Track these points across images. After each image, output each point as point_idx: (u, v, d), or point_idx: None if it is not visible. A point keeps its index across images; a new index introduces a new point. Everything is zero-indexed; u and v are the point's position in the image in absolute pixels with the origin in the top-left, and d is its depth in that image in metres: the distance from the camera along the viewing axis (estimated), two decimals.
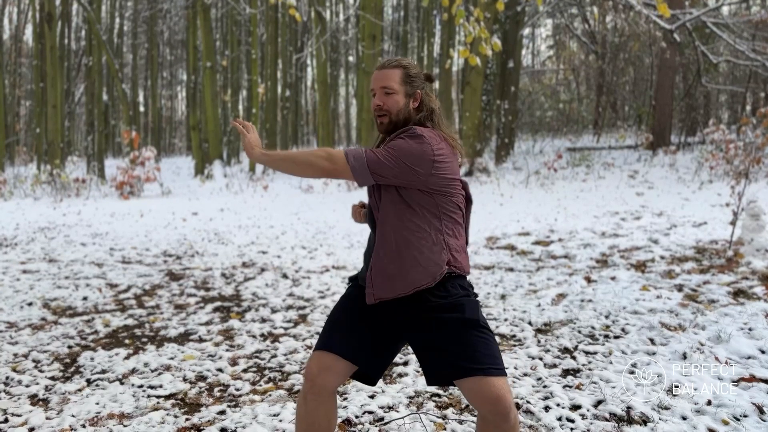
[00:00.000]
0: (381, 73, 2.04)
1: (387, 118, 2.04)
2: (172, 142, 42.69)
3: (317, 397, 2.01)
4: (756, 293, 4.56)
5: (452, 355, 1.90)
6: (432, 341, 1.95)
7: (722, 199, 9.86)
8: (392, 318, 2.02)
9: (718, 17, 15.34)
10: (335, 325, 2.07)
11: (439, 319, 1.94)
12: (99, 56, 22.34)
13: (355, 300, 2.09)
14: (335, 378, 2.02)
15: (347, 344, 2.02)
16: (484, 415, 1.91)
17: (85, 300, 5.11)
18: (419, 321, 1.97)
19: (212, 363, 3.54)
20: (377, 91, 2.04)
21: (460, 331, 1.92)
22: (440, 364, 1.94)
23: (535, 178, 14.47)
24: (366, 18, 14.95)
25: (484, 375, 1.86)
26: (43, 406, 3.01)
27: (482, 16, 6.00)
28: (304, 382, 2.03)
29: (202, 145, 21.88)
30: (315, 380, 2.00)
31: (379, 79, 2.04)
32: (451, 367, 1.91)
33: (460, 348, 1.90)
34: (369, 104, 15.57)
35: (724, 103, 23.89)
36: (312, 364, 2.03)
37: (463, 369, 1.88)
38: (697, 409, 2.73)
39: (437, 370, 1.95)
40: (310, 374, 2.01)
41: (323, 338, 2.06)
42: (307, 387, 2.02)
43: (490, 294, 4.98)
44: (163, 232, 9.00)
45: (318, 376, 2.00)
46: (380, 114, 2.04)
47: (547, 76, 31.08)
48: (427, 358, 1.98)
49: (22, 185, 16.30)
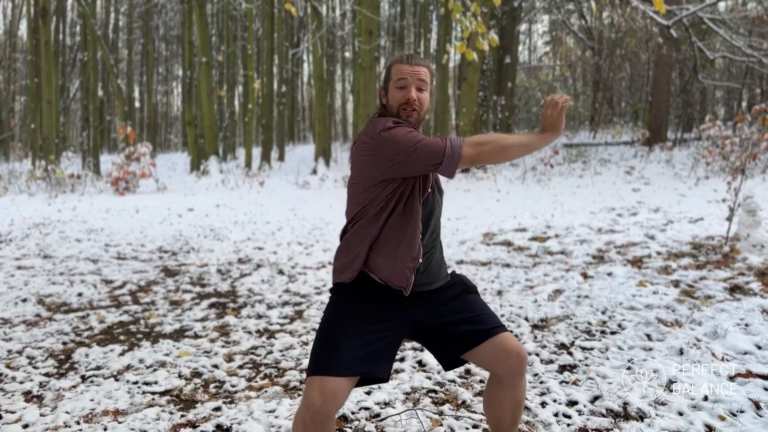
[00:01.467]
0: (417, 68, 2.01)
1: (416, 113, 2.01)
2: (167, 138, 42.59)
3: (320, 425, 1.84)
4: (752, 289, 4.56)
5: (467, 323, 2.01)
6: (444, 318, 2.03)
7: (718, 195, 9.87)
8: (399, 312, 1.99)
9: (714, 13, 15.34)
10: (333, 342, 1.90)
11: (446, 296, 2.06)
12: (94, 51, 22.25)
13: (348, 307, 1.98)
14: (340, 401, 1.86)
15: (350, 360, 1.86)
16: (503, 374, 2.04)
17: (80, 296, 5.09)
18: (427, 305, 2.03)
19: (208, 359, 3.52)
20: (411, 84, 1.99)
21: (465, 299, 2.07)
22: (457, 337, 2.02)
23: (531, 174, 14.47)
24: (362, 13, 14.90)
25: (500, 332, 2.01)
26: (37, 402, 2.99)
27: (479, 10, 5.97)
28: (306, 411, 1.83)
29: (198, 141, 21.82)
30: (319, 410, 1.81)
31: (414, 74, 2.00)
32: (469, 334, 2.01)
33: (473, 314, 2.03)
34: (366, 100, 15.53)
35: (720, 99, 23.93)
36: (314, 394, 1.82)
37: (482, 332, 2.00)
38: (694, 404, 2.72)
39: (455, 343, 2.03)
40: (313, 405, 1.81)
41: (322, 362, 1.86)
42: (309, 417, 1.82)
43: (487, 290, 4.98)
44: (158, 228, 8.97)
45: (322, 405, 1.81)
46: (411, 108, 2.00)
47: (543, 72, 31.09)
48: (442, 338, 2.04)
49: (17, 181, 16.23)
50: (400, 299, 1.98)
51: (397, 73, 2.02)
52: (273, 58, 24.88)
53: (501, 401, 2.10)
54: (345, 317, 1.96)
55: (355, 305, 1.98)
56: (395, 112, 2.01)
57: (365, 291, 1.99)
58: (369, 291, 1.98)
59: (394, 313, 1.99)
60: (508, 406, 2.10)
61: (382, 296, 1.98)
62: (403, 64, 2.02)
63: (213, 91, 22.10)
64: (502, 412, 2.12)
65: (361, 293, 1.99)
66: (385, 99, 2.06)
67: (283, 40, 27.42)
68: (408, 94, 1.99)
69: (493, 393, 2.11)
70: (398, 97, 2.00)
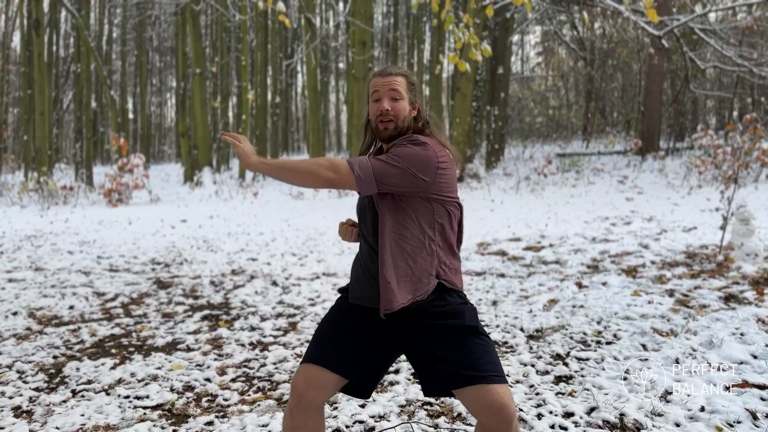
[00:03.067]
0: (388, 79, 2.01)
1: (393, 123, 1.99)
2: (161, 149, 42.50)
3: (304, 412, 1.95)
4: (747, 298, 4.56)
5: (453, 364, 1.86)
6: (432, 349, 1.90)
7: (712, 203, 9.91)
8: (388, 328, 1.97)
9: (705, 23, 15.46)
10: (324, 337, 2.02)
11: (440, 327, 1.91)
12: (87, 63, 22.22)
13: (345, 311, 2.05)
14: (323, 392, 1.96)
15: (337, 357, 1.96)
16: (486, 424, 1.85)
17: (71, 309, 5.04)
18: (418, 329, 1.93)
19: (200, 372, 3.48)
20: (384, 95, 2.00)
21: (461, 338, 1.89)
22: (440, 373, 1.88)
23: (525, 184, 14.50)
24: (356, 24, 14.94)
25: (486, 383, 1.82)
26: (26, 418, 2.94)
27: (471, 21, 6.00)
28: (291, 396, 1.97)
29: (192, 152, 21.78)
30: (302, 394, 1.94)
31: (386, 84, 2.00)
32: (452, 375, 1.85)
33: (460, 356, 1.86)
34: (360, 110, 15.56)
35: (711, 108, 24.10)
36: (299, 377, 1.97)
37: (464, 377, 1.83)
38: (691, 415, 2.71)
39: (437, 379, 1.90)
40: (297, 388, 1.95)
41: (311, 350, 2.00)
42: (294, 402, 1.95)
43: (482, 300, 4.96)
44: (151, 239, 8.92)
45: (305, 390, 1.94)
46: (387, 119, 1.99)
47: (536, 82, 31.25)
48: (425, 367, 1.93)
49: (9, 193, 16.13)
50: (383, 319, 1.95)
51: (372, 86, 2.04)
52: (267, 69, 24.95)
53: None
54: (336, 318, 2.06)
55: (343, 310, 2.07)
56: (374, 125, 2.03)
57: (352, 303, 2.06)
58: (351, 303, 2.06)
59: (377, 326, 1.98)
60: None
61: (364, 314, 2.02)
62: (377, 77, 2.04)
63: (207, 102, 22.09)
64: None
65: (352, 305, 2.05)
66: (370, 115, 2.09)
67: (277, 51, 27.50)
68: (380, 106, 1.99)
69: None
70: (374, 110, 2.02)
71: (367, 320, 1.99)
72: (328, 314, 2.09)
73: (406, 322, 1.94)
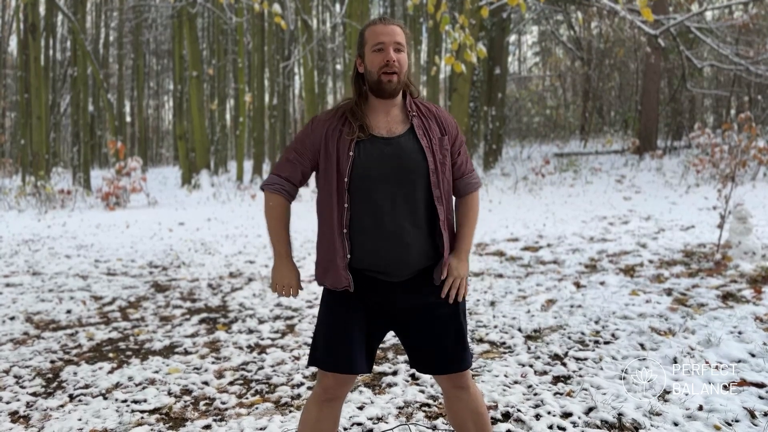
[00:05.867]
0: (391, 29, 1.91)
1: (397, 76, 1.92)
2: (158, 152, 42.48)
3: (333, 405, 2.04)
4: (745, 296, 4.56)
5: (448, 343, 2.01)
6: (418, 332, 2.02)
7: (709, 202, 9.92)
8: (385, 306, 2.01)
9: (701, 22, 15.49)
10: (343, 339, 1.98)
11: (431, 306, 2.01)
12: (84, 67, 22.20)
13: (344, 302, 1.99)
14: (351, 385, 2.07)
15: (359, 357, 1.98)
16: (446, 390, 2.10)
17: (68, 313, 5.02)
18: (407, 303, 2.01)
19: (198, 376, 3.47)
20: (388, 45, 1.90)
21: (456, 317, 2.03)
22: (436, 353, 2.01)
23: (523, 184, 14.50)
24: (352, 26, 14.95)
25: (466, 369, 2.03)
26: (23, 423, 2.93)
27: (467, 22, 6.00)
28: (322, 393, 2.01)
29: (189, 155, 21.77)
30: (335, 393, 2.02)
31: (389, 34, 1.90)
32: (444, 361, 2.01)
33: (454, 335, 2.01)
34: None
35: (709, 107, 24.12)
36: (330, 383, 2.00)
37: (458, 363, 2.01)
38: (689, 414, 2.70)
39: (431, 360, 2.03)
40: (330, 388, 2.00)
41: (343, 359, 1.96)
42: (325, 397, 2.02)
43: (480, 301, 4.95)
44: (149, 242, 8.90)
45: (339, 388, 2.02)
46: (391, 71, 1.90)
47: (533, 82, 31.28)
48: (419, 347, 2.04)
49: (7, 197, 16.11)
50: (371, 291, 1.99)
51: (372, 35, 1.93)
52: (264, 71, 24.90)
53: (455, 411, 2.11)
54: (345, 314, 2.02)
55: (345, 302, 2.03)
56: (375, 78, 1.93)
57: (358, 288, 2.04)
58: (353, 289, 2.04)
59: (377, 307, 2.01)
60: (466, 416, 2.09)
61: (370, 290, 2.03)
62: (377, 25, 1.94)
63: (204, 105, 22.09)
64: (459, 421, 2.11)
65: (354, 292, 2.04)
66: (362, 66, 1.99)
67: (274, 53, 27.48)
68: (387, 56, 1.90)
69: (447, 404, 2.14)
70: (377, 61, 1.91)
71: (375, 301, 1.99)
72: (329, 313, 2.02)
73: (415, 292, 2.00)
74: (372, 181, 1.91)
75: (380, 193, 1.91)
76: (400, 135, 1.96)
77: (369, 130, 1.94)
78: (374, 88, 1.95)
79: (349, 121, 1.96)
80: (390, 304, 1.99)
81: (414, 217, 1.94)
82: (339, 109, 2.02)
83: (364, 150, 1.92)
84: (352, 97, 2.02)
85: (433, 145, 1.98)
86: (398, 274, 1.95)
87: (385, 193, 1.91)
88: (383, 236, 1.92)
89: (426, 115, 2.03)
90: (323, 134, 1.98)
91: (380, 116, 1.98)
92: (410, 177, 1.93)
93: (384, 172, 1.91)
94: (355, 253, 1.94)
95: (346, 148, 1.92)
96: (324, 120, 2.00)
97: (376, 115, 1.98)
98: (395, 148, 1.93)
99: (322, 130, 1.98)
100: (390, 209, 1.91)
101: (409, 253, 1.93)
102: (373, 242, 1.92)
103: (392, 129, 1.97)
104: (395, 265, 1.93)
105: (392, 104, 1.99)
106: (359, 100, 2.00)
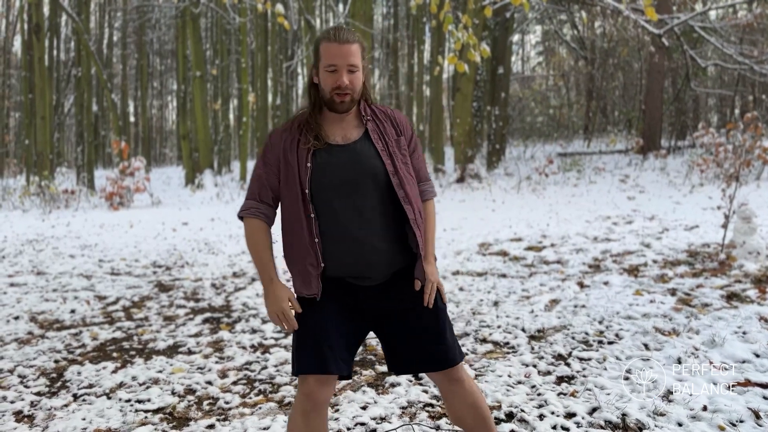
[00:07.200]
0: (344, 49, 1.91)
1: (350, 97, 1.95)
2: (162, 152, 42.54)
3: (319, 413, 1.98)
4: (749, 296, 4.54)
5: (428, 344, 2.00)
6: (398, 330, 2.02)
7: (713, 202, 9.89)
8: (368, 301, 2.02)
9: (705, 21, 15.45)
10: (320, 340, 1.96)
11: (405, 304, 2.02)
12: (88, 67, 22.25)
13: (320, 306, 2.00)
14: (332, 390, 2.03)
15: (336, 357, 1.95)
16: (441, 387, 2.09)
17: (72, 313, 5.04)
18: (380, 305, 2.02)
19: (201, 375, 3.48)
20: (341, 68, 1.91)
21: (439, 317, 2.03)
22: (415, 354, 2.01)
23: (526, 184, 14.48)
24: (356, 26, 14.95)
25: (456, 364, 2.03)
26: (28, 422, 2.94)
27: (470, 22, 5.99)
28: (304, 401, 1.96)
29: (193, 155, 21.78)
30: (318, 398, 1.96)
31: (343, 56, 1.91)
32: (428, 357, 2.00)
33: (434, 336, 2.00)
34: None
35: (713, 106, 24.06)
36: (312, 387, 1.95)
37: (441, 362, 2.01)
38: (693, 414, 2.69)
39: (413, 359, 2.02)
40: (312, 394, 1.94)
41: (319, 359, 1.94)
42: (310, 406, 1.96)
43: (483, 301, 4.95)
44: (152, 242, 8.92)
45: (321, 393, 1.96)
46: (344, 93, 1.93)
47: (537, 81, 31.24)
48: (391, 349, 2.05)
49: (11, 197, 16.15)
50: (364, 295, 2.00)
51: (326, 55, 1.93)
52: (267, 71, 24.96)
53: (452, 406, 2.11)
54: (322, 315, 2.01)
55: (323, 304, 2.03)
56: (328, 96, 1.96)
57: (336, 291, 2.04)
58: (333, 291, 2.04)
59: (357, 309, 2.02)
60: (463, 411, 2.09)
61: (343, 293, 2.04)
62: (331, 42, 1.92)
63: (207, 105, 22.12)
64: (458, 416, 2.12)
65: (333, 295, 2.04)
66: (317, 78, 2.00)
67: (277, 53, 27.51)
68: (339, 80, 1.92)
69: (444, 401, 2.14)
70: (329, 81, 1.93)
71: (355, 304, 2.01)
72: (301, 318, 2.01)
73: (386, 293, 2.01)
74: (332, 189, 1.95)
75: (342, 200, 1.94)
76: (356, 141, 2.00)
77: (324, 139, 1.98)
78: (327, 104, 1.99)
79: (305, 131, 2.00)
80: (368, 307, 2.01)
81: (380, 221, 1.97)
82: (295, 120, 2.05)
83: (321, 159, 1.96)
84: (307, 107, 2.05)
85: (390, 148, 2.02)
86: (372, 278, 1.98)
87: (347, 200, 1.95)
88: (352, 242, 1.94)
89: (380, 118, 2.07)
90: (281, 146, 2.01)
91: (335, 124, 2.02)
92: (368, 181, 1.96)
93: (343, 179, 1.95)
94: (327, 261, 1.97)
95: (304, 159, 1.96)
96: (281, 132, 2.04)
97: (330, 123, 2.02)
98: (351, 154, 1.97)
99: (280, 142, 2.02)
100: (354, 215, 1.95)
101: (379, 256, 1.96)
102: (343, 249, 1.95)
103: (347, 135, 2.01)
104: (367, 269, 1.96)
105: (345, 114, 2.04)
106: (314, 109, 2.03)
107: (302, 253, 1.98)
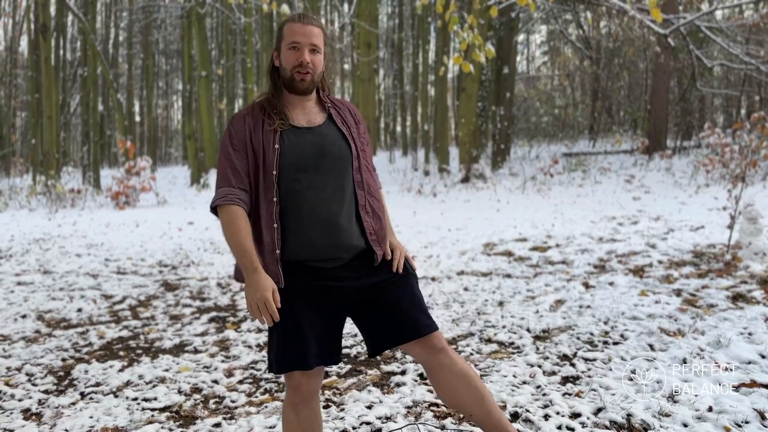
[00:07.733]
0: (308, 29, 1.95)
1: (310, 76, 1.97)
2: (168, 152, 42.66)
3: (308, 404, 2.02)
4: (755, 297, 4.54)
5: (404, 312, 1.99)
6: (373, 304, 2.01)
7: (719, 202, 9.86)
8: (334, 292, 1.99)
9: (711, 21, 15.40)
10: (303, 333, 1.94)
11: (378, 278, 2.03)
12: (94, 67, 22.32)
13: (290, 297, 1.95)
14: (320, 380, 2.05)
15: (321, 350, 1.96)
16: (425, 361, 2.05)
17: (79, 312, 5.07)
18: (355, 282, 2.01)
19: (207, 374, 3.50)
20: (303, 46, 1.94)
21: (409, 285, 2.05)
22: (393, 325, 1.99)
23: (531, 184, 14.47)
24: (361, 26, 14.96)
25: (436, 330, 2.01)
26: (36, 420, 2.96)
27: (476, 22, 5.99)
28: (293, 395, 1.99)
29: (198, 155, 21.85)
30: (306, 390, 1.98)
31: (305, 35, 1.94)
32: (406, 326, 1.98)
33: (409, 303, 2.00)
34: (365, 111, 15.54)
35: (719, 106, 23.98)
36: (299, 381, 1.96)
37: (419, 329, 1.98)
38: (698, 415, 2.69)
39: (391, 331, 1.99)
40: (300, 387, 1.97)
41: (298, 355, 1.92)
42: (298, 398, 1.99)
43: (488, 301, 4.95)
44: (158, 242, 8.95)
45: (308, 385, 1.98)
46: (305, 71, 1.95)
47: (542, 81, 31.18)
48: (369, 325, 2.03)
49: (18, 196, 16.23)
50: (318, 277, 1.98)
51: (289, 33, 1.95)
52: None
53: (442, 383, 2.06)
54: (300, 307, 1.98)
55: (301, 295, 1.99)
56: (289, 75, 1.97)
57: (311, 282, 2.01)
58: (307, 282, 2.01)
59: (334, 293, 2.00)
60: (455, 383, 2.04)
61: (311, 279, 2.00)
62: (296, 23, 1.96)
63: (213, 105, 22.16)
64: (451, 392, 2.07)
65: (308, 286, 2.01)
66: (278, 61, 2.02)
67: None
68: (301, 57, 1.94)
69: (433, 380, 2.09)
70: (291, 59, 1.95)
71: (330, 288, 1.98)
72: (291, 305, 1.95)
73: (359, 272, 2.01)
74: (300, 171, 1.94)
75: (309, 182, 1.94)
76: (320, 125, 2.02)
77: (289, 121, 1.98)
78: (287, 84, 2.00)
79: (268, 113, 1.98)
80: (339, 290, 1.98)
81: (344, 202, 1.98)
82: (256, 104, 2.04)
83: (288, 140, 1.95)
84: (267, 91, 2.05)
85: (353, 133, 2.06)
86: (337, 259, 1.97)
87: (314, 182, 1.94)
88: (316, 224, 1.93)
89: (339, 107, 2.11)
90: (246, 130, 1.98)
91: (297, 109, 2.03)
92: (336, 164, 1.98)
93: (311, 161, 1.95)
94: (289, 246, 1.94)
95: (270, 141, 1.94)
96: (243, 116, 2.01)
97: (293, 107, 2.03)
98: (318, 137, 1.98)
99: (244, 125, 1.98)
100: (320, 197, 1.94)
101: (342, 236, 1.96)
102: (306, 232, 1.94)
103: (311, 119, 2.03)
104: (331, 250, 1.95)
105: (307, 99, 2.05)
106: (275, 92, 2.03)
107: (259, 239, 1.95)
